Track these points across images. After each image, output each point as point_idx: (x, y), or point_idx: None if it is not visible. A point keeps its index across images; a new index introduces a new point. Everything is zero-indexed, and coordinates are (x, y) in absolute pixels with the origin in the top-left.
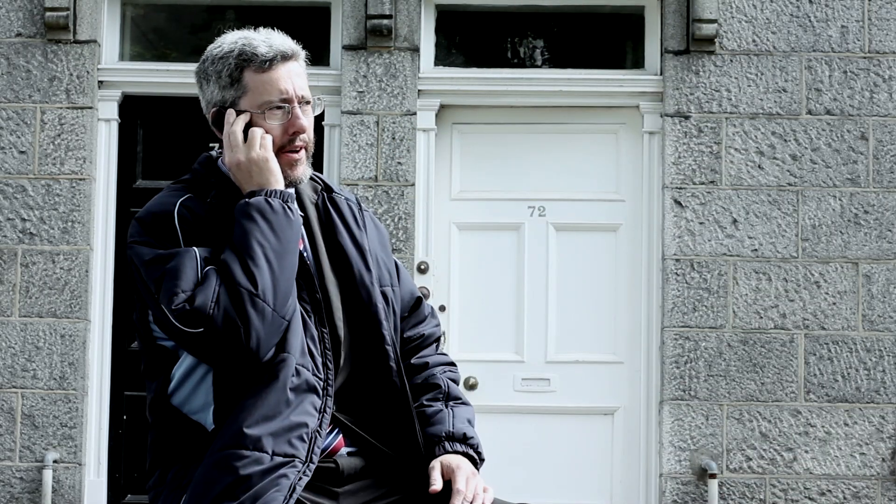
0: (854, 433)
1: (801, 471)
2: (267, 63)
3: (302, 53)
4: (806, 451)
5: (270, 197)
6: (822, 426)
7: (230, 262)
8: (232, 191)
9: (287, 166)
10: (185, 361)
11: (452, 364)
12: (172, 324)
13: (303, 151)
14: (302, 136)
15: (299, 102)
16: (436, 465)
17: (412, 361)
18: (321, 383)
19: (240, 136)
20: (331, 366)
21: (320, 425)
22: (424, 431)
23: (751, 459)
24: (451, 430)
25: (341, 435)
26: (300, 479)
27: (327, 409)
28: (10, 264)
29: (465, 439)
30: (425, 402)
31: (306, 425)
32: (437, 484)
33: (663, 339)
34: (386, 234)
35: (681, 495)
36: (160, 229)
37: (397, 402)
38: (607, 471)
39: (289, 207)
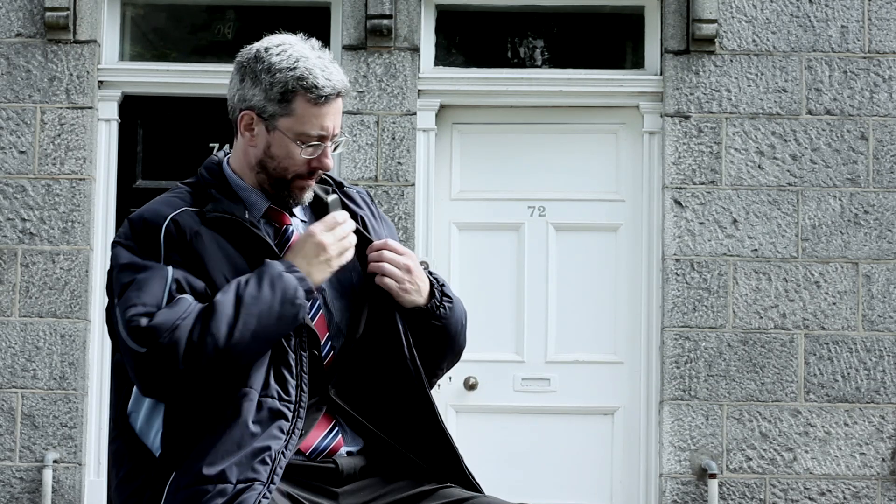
0: (854, 433)
1: (801, 471)
2: (323, 98)
3: (350, 89)
4: (806, 451)
5: (302, 290)
6: (822, 426)
7: (221, 308)
8: (233, 199)
9: (297, 190)
10: None
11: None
12: (121, 333)
13: (313, 180)
14: (320, 170)
15: (331, 139)
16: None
17: None
18: (291, 406)
19: (346, 233)
20: (305, 387)
21: (287, 445)
22: None
23: (751, 459)
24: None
25: (340, 435)
26: (260, 501)
27: (296, 430)
28: (10, 264)
29: (429, 272)
30: None
31: (269, 448)
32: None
33: (663, 339)
34: (393, 228)
35: (681, 495)
36: (145, 238)
37: (412, 388)
38: (607, 471)
39: (301, 311)
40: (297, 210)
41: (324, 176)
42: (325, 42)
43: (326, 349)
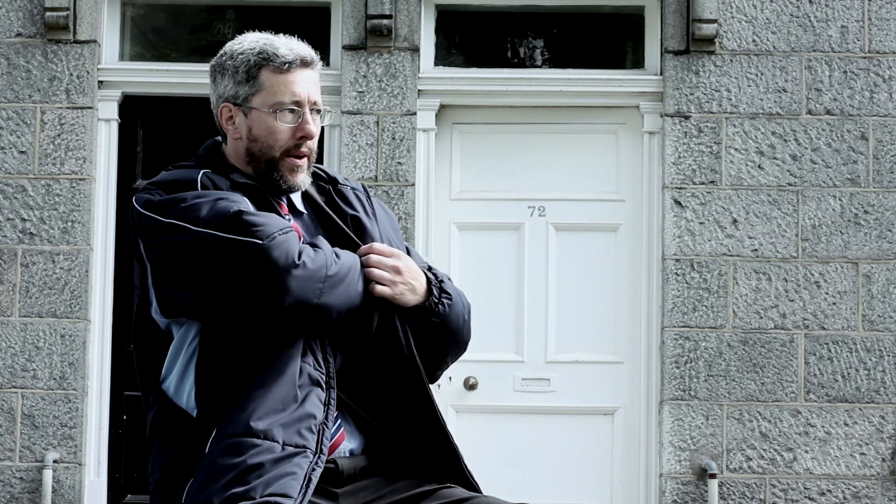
0: (854, 433)
1: (801, 471)
2: (286, 65)
3: (319, 63)
4: (806, 451)
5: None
6: (822, 426)
7: (322, 244)
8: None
9: (288, 170)
10: (172, 347)
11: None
12: (218, 230)
13: (305, 160)
14: (308, 142)
15: (311, 109)
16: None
17: None
18: (323, 377)
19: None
20: (331, 360)
21: (326, 418)
22: None
23: (751, 459)
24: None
25: (343, 429)
26: (314, 469)
27: (331, 402)
28: (10, 264)
29: (428, 268)
30: None
31: (314, 416)
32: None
33: (663, 339)
34: (395, 219)
35: (681, 495)
36: (181, 190)
37: (413, 386)
38: (607, 471)
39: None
40: (296, 201)
41: (320, 171)
42: (325, 42)
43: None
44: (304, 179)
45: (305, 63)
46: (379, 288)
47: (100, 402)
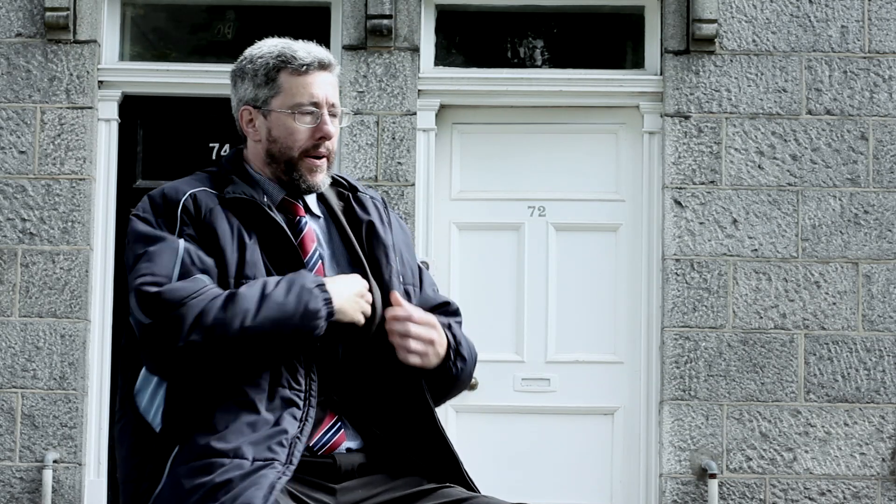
0: (854, 433)
1: (801, 471)
2: (304, 67)
3: (337, 67)
4: (806, 451)
5: (325, 312)
6: (822, 426)
7: (242, 300)
8: (251, 185)
9: (307, 171)
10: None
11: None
12: (130, 301)
13: (324, 160)
14: (327, 143)
15: (329, 111)
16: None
17: None
18: (301, 395)
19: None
20: (314, 376)
21: (301, 431)
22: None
23: (751, 459)
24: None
25: (343, 430)
26: (280, 478)
27: (309, 418)
28: (10, 264)
29: (448, 326)
30: None
31: (286, 432)
32: (396, 303)
33: (663, 339)
34: (409, 235)
35: (681, 495)
36: (163, 213)
37: (412, 394)
38: (607, 471)
39: (317, 331)
40: (312, 204)
41: (339, 178)
42: (325, 42)
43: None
44: (323, 180)
45: (323, 66)
46: (412, 359)
47: (100, 402)
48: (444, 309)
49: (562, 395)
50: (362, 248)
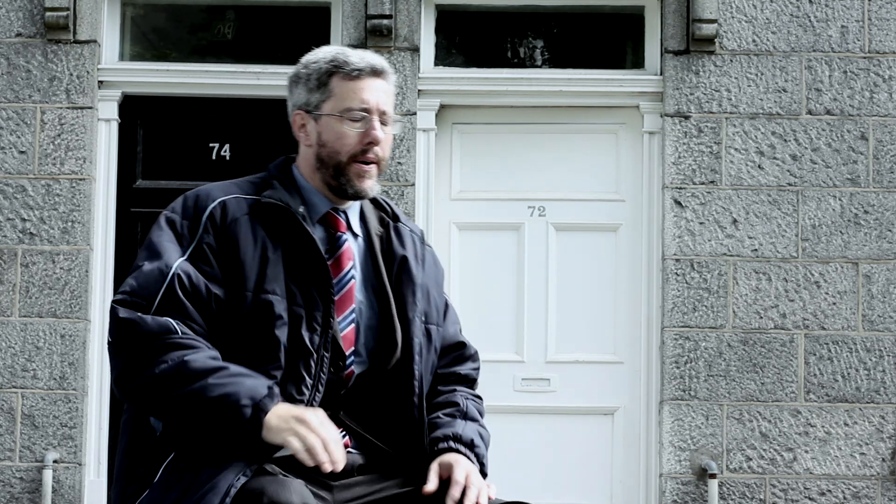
0: (854, 433)
1: (801, 471)
2: (356, 72)
3: (393, 76)
4: (806, 451)
5: (249, 412)
6: (822, 426)
7: (188, 375)
8: (293, 192)
9: (355, 176)
10: None
11: (479, 398)
12: (111, 314)
13: (374, 166)
14: (375, 148)
15: (380, 118)
16: (434, 465)
17: (439, 388)
18: (303, 405)
19: (333, 451)
20: (321, 388)
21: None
22: (432, 434)
23: (751, 459)
24: (458, 433)
25: (348, 436)
26: (239, 479)
27: None
28: (10, 264)
29: (470, 445)
30: (441, 415)
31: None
32: (431, 484)
33: (663, 339)
34: (442, 273)
35: (681, 495)
36: (191, 216)
37: (414, 434)
38: (607, 471)
39: (235, 424)
40: (354, 223)
41: (383, 203)
42: (325, 42)
43: (347, 362)
44: (371, 186)
45: (376, 72)
46: None
47: (100, 402)
48: (460, 353)
49: (562, 395)
50: (391, 280)
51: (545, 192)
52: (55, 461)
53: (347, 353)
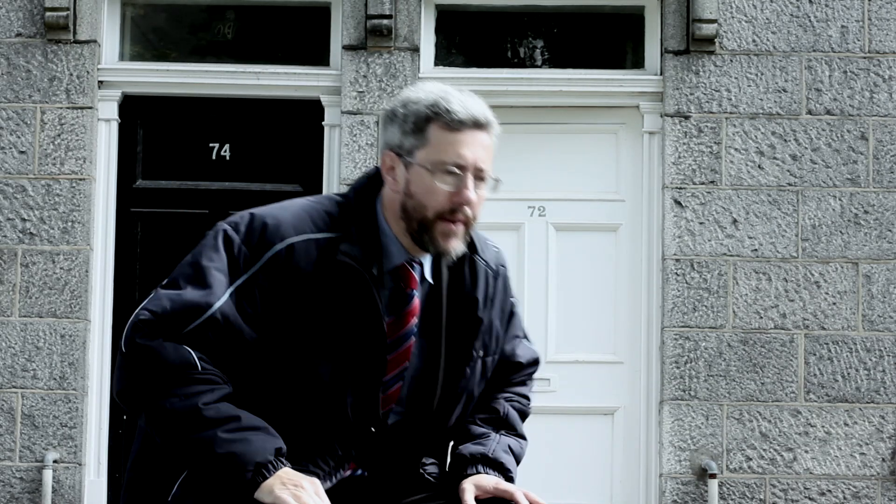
0: (854, 433)
1: (801, 471)
2: (456, 124)
3: (496, 127)
4: (806, 451)
5: (249, 476)
6: (822, 426)
7: (203, 422)
8: (373, 243)
9: (441, 235)
10: None
11: (526, 397)
12: (137, 312)
13: (461, 226)
14: (466, 209)
15: (475, 175)
16: (468, 486)
17: (485, 395)
18: (323, 472)
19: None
20: (350, 458)
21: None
22: (462, 447)
23: (751, 459)
24: (488, 454)
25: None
26: None
27: (326, 487)
28: (10, 264)
29: (501, 469)
30: (477, 420)
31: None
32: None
33: (663, 339)
34: (511, 300)
35: (681, 495)
36: (254, 245)
37: (438, 461)
38: (607, 471)
39: (238, 483)
40: (427, 270)
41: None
42: (325, 42)
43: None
44: (456, 246)
45: (478, 125)
46: None
47: (100, 402)
48: (513, 370)
49: (562, 395)
50: (454, 321)
51: (545, 192)
52: (55, 461)
53: (386, 410)
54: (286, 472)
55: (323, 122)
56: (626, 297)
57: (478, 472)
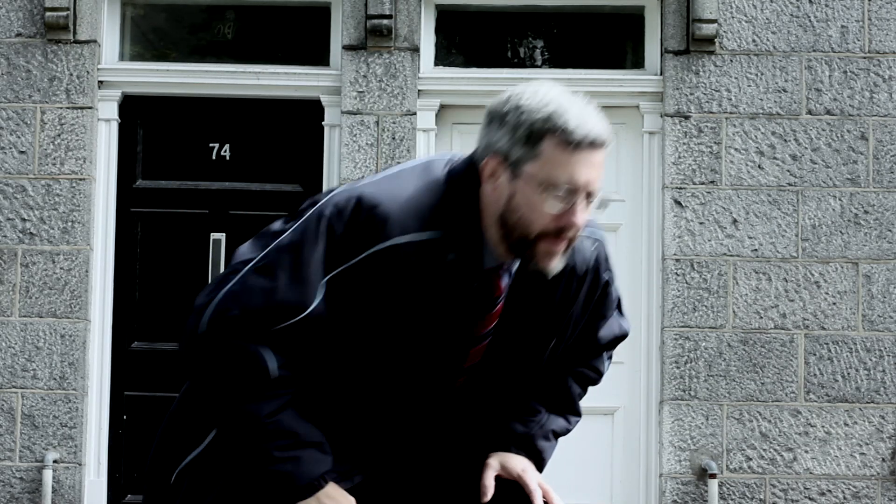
0: (854, 433)
1: (801, 471)
2: (574, 144)
3: (611, 142)
4: (806, 451)
5: (298, 489)
6: (822, 426)
7: (266, 433)
8: (475, 245)
9: (542, 254)
10: None
11: (598, 370)
12: (215, 298)
13: (564, 244)
14: (571, 231)
15: (585, 196)
16: (494, 464)
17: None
18: (342, 472)
19: None
20: (368, 460)
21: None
22: (507, 420)
23: (751, 459)
24: (527, 435)
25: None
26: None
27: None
28: (10, 264)
29: (535, 456)
30: (534, 392)
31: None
32: (488, 494)
33: (663, 339)
34: (600, 287)
35: (681, 495)
36: (354, 235)
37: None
38: (607, 471)
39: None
40: (503, 278)
41: None
42: (325, 42)
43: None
44: (556, 266)
45: (595, 144)
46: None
47: (100, 402)
48: (590, 353)
49: None
50: (527, 313)
51: None
52: (55, 461)
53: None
54: (328, 492)
55: (323, 122)
56: (626, 296)
57: (509, 451)
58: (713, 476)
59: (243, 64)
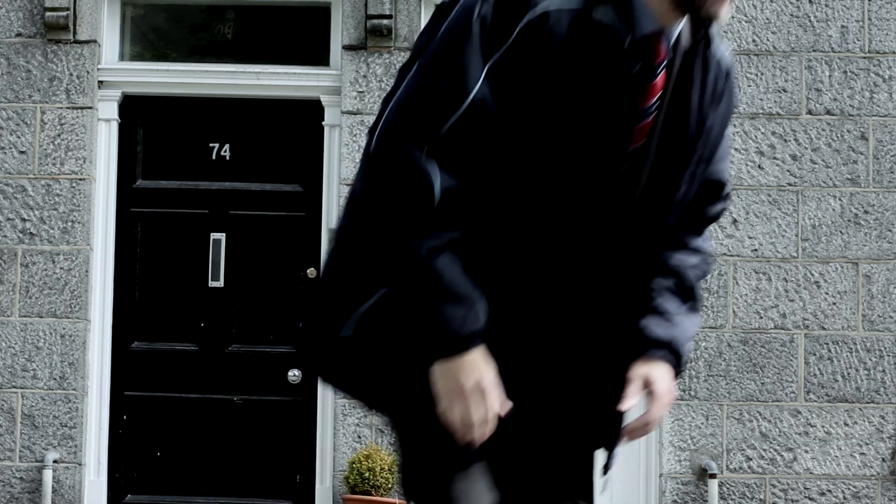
0: (854, 433)
1: (801, 471)
2: None
3: None
4: (806, 451)
5: (457, 343)
6: (822, 426)
7: (429, 277)
8: (626, 11)
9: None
10: None
11: (709, 256)
12: (379, 133)
13: None
14: None
15: None
16: (641, 374)
17: (675, 237)
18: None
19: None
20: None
21: None
22: (649, 321)
23: (751, 459)
24: (674, 341)
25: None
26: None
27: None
28: (10, 264)
29: (678, 364)
30: (665, 286)
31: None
32: (630, 401)
33: None
34: (733, 109)
35: (681, 495)
36: (505, 14)
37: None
38: None
39: (441, 341)
40: (662, 44)
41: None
42: (325, 42)
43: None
44: (727, 12)
45: None
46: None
47: (100, 402)
48: (715, 191)
49: None
50: (677, 112)
51: None
52: (55, 461)
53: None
54: (472, 359)
55: (323, 122)
56: None
57: (656, 359)
58: (713, 476)
59: (243, 64)
